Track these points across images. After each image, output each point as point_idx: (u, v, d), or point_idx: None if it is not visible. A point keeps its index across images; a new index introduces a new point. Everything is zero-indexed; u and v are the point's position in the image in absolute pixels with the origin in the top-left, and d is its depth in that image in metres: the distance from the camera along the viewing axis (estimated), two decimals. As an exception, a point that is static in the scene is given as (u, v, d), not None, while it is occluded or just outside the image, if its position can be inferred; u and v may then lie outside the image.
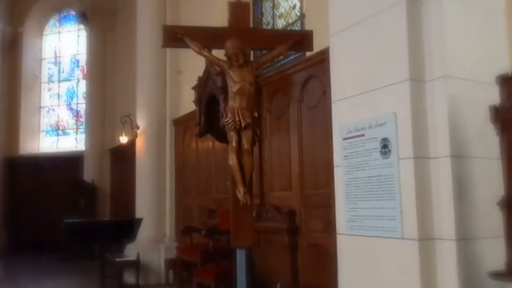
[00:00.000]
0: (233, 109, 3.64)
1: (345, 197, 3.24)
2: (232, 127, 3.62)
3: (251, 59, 4.45)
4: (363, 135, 3.08)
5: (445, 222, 2.74)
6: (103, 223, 7.56)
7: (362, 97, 3.14)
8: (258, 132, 3.69)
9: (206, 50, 3.75)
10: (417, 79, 2.85)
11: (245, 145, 3.61)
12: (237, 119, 3.60)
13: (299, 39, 3.84)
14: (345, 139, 3.24)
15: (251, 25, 4.99)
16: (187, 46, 3.75)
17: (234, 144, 3.62)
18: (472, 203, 2.78)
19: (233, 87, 3.66)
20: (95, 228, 6.88)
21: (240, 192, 3.63)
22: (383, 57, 3.00)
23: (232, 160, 3.61)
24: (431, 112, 2.82)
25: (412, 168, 2.77)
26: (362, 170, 3.07)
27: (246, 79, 3.65)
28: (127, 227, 7.45)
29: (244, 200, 3.63)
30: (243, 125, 3.59)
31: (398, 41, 2.91)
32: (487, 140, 2.89)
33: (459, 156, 2.75)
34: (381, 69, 3.01)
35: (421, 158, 2.79)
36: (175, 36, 3.74)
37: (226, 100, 3.89)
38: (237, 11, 3.80)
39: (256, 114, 3.70)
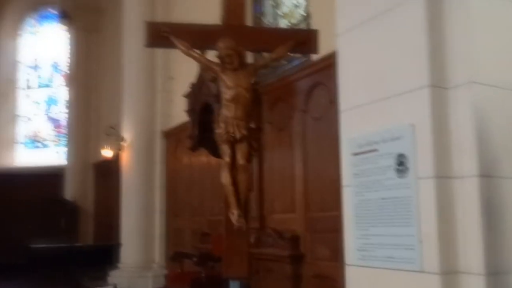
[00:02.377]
0: (226, 119, 3.57)
1: (355, 222, 3.11)
2: (225, 140, 3.55)
3: (249, 61, 4.38)
4: (375, 150, 2.96)
5: (472, 253, 2.60)
6: (75, 249, 7.44)
7: (374, 106, 3.02)
8: (255, 145, 3.64)
9: (195, 50, 3.69)
10: (439, 86, 2.73)
11: (240, 160, 3.53)
12: (230, 130, 3.52)
13: (302, 39, 3.79)
14: (354, 154, 3.11)
15: (249, 24, 4.96)
16: (174, 46, 3.70)
17: (227, 159, 3.54)
18: (503, 231, 2.64)
19: (226, 94, 3.59)
20: (66, 254, 6.77)
21: (234, 215, 3.55)
22: (398, 59, 2.89)
23: (225, 178, 3.54)
24: (455, 124, 2.70)
25: (433, 189, 2.64)
26: (375, 191, 2.95)
27: (242, 84, 3.57)
28: (104, 253, 7.35)
29: (239, 224, 3.54)
30: (237, 137, 3.52)
31: (416, 41, 2.79)
32: (521, 157, 2.76)
33: (488, 176, 2.62)
34: (397, 73, 2.89)
35: (443, 177, 2.66)
36: (160, 34, 3.68)
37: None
38: (231, 6, 3.75)
39: (253, 125, 3.65)
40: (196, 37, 3.73)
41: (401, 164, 2.80)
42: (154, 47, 5.58)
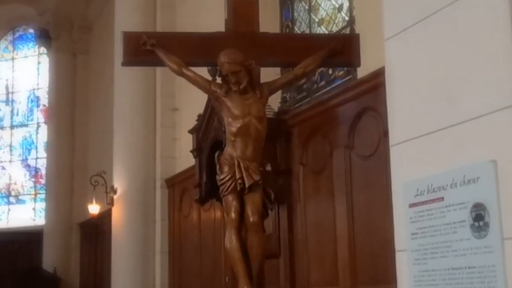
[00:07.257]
0: (232, 159, 3.49)
1: (415, 302, 2.98)
2: (230, 189, 3.48)
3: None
4: (441, 198, 2.84)
5: None
6: None
7: (438, 136, 2.91)
8: (272, 195, 3.49)
9: (190, 69, 3.67)
10: (530, 105, 2.60)
11: (251, 216, 3.44)
12: (238, 175, 3.43)
13: (338, 47, 3.72)
14: (412, 205, 3.00)
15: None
16: (161, 64, 3.67)
17: (233, 215, 3.47)
18: None
19: (232, 125, 3.57)
20: None
21: (244, 292, 3.41)
22: (469, 70, 2.78)
23: (231, 241, 3.46)
24: (555, 159, 2.55)
25: (526, 254, 2.49)
26: (442, 257, 2.82)
27: (252, 112, 3.51)
28: None
29: (250, 306, 3.38)
30: (247, 184, 3.41)
31: (494, 45, 2.67)
32: None
33: None
34: (469, 89, 2.77)
35: (541, 237, 2.50)
36: (143, 48, 3.64)
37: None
38: (240, 7, 3.68)
39: (268, 167, 3.53)
40: (190, 50, 3.70)
41: (479, 218, 2.67)
42: (134, 65, 5.52)
